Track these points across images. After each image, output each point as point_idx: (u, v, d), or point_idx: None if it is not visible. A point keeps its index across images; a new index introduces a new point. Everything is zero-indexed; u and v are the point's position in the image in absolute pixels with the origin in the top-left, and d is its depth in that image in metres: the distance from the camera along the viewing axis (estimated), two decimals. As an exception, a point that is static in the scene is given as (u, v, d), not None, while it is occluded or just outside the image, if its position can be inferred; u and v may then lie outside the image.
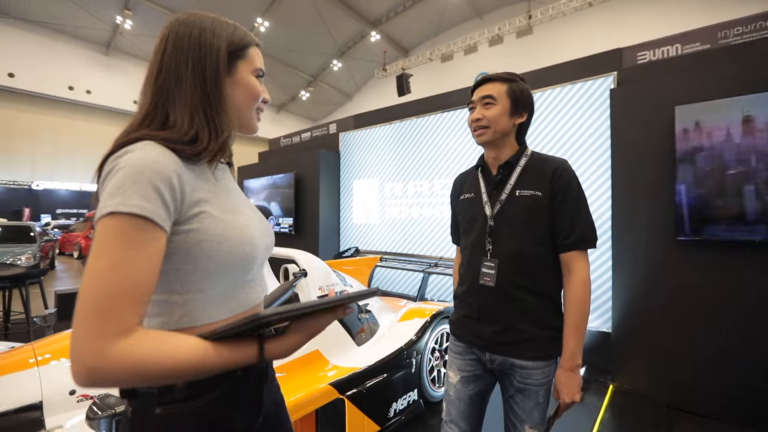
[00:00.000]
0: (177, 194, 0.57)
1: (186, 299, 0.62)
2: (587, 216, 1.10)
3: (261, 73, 0.76)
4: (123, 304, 0.51)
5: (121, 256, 0.51)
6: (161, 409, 0.60)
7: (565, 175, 1.10)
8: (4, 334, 3.49)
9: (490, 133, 1.13)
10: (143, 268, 0.53)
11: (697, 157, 2.47)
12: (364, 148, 5.45)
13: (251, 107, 0.74)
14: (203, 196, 0.63)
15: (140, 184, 0.53)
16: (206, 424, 0.63)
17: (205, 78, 0.66)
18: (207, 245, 0.60)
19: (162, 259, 0.56)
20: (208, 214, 0.62)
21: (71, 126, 17.13)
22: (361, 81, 20.27)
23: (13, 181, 15.87)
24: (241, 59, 0.72)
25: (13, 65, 14.70)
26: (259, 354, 0.59)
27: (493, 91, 1.13)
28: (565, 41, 12.58)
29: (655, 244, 2.67)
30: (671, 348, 2.58)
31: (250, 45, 0.74)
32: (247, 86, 0.72)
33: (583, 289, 1.06)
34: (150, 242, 0.54)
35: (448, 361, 1.24)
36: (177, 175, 0.57)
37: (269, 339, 0.61)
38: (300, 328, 0.62)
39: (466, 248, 1.21)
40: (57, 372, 1.39)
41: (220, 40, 0.69)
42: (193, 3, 14.06)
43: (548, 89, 3.61)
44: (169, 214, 0.56)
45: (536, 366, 1.08)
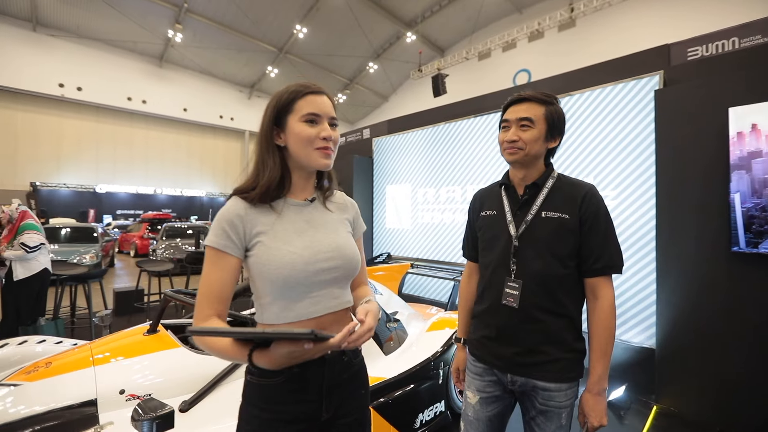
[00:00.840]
0: (239, 229, 0.84)
1: (260, 303, 0.89)
2: (615, 241, 1.09)
3: (312, 117, 0.87)
4: (203, 301, 0.82)
5: (205, 271, 0.83)
6: (249, 377, 0.87)
7: (594, 200, 1.09)
8: (71, 329, 3.87)
9: (522, 154, 1.12)
10: (215, 279, 0.82)
11: (754, 163, 2.27)
12: (398, 153, 5.48)
13: (307, 148, 0.88)
14: (262, 229, 0.86)
15: (215, 226, 0.84)
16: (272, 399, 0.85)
17: (261, 140, 0.90)
18: (259, 266, 0.84)
19: (233, 274, 0.85)
20: (262, 243, 0.85)
21: (129, 133, 18.60)
22: (397, 82, 20.33)
23: (80, 184, 17.45)
24: (289, 113, 0.88)
25: (81, 80, 16.21)
26: (248, 359, 0.77)
27: (531, 113, 1.10)
28: (612, 34, 11.86)
29: (705, 256, 2.48)
30: (724, 369, 2.38)
31: (297, 98, 0.88)
32: (297, 133, 0.87)
33: (610, 313, 1.06)
34: (220, 263, 0.83)
35: (467, 381, 1.24)
36: (238, 216, 0.85)
37: (259, 350, 0.77)
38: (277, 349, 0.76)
39: (487, 266, 1.19)
40: (110, 372, 1.54)
41: (270, 106, 0.89)
42: (236, 15, 14.77)
43: (588, 90, 3.45)
44: (236, 243, 0.84)
45: (559, 388, 1.07)
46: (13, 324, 3.34)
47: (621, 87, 3.22)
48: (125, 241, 12.76)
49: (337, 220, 0.98)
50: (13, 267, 3.38)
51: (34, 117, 15.92)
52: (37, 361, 1.64)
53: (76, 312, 4.18)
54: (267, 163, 0.88)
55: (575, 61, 5.87)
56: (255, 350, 0.76)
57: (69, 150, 17.05)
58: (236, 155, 22.23)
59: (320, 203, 0.98)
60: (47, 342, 2.05)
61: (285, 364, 0.80)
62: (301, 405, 0.86)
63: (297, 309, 0.86)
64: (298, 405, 0.86)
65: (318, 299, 0.88)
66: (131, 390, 1.47)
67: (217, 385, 1.57)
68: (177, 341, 1.75)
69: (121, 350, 1.68)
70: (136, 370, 1.57)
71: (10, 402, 1.39)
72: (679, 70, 3.02)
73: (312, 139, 0.86)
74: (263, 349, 0.76)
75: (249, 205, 0.86)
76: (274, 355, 0.76)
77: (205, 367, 1.62)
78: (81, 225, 8.93)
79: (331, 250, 0.90)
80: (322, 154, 0.89)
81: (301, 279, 0.84)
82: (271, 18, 15.36)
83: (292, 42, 16.64)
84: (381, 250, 5.57)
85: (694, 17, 9.99)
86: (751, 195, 2.29)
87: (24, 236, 3.43)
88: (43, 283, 3.58)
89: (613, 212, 3.18)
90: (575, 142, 3.51)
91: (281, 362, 0.78)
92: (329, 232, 0.93)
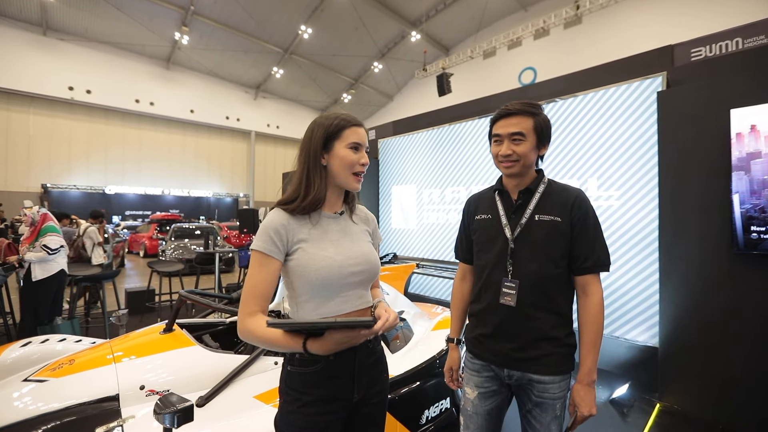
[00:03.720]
0: (283, 236, 0.98)
1: (296, 302, 1.03)
2: (603, 242, 1.17)
3: (355, 145, 1.04)
4: (250, 299, 0.95)
5: (252, 272, 0.97)
6: (290, 367, 1.01)
7: (583, 204, 1.16)
8: (86, 328, 3.99)
9: (519, 166, 1.18)
10: (261, 279, 0.96)
11: (753, 163, 2.29)
12: (403, 154, 5.53)
13: (347, 171, 1.03)
14: (302, 236, 1.00)
15: (262, 233, 0.98)
16: (312, 384, 0.98)
17: (308, 158, 1.03)
18: (300, 269, 0.98)
19: (276, 275, 0.98)
20: (303, 249, 0.99)
21: (137, 135, 18.83)
22: (402, 82, 20.34)
23: (90, 186, 17.72)
24: (336, 139, 1.03)
25: (90, 83, 16.44)
26: (303, 347, 0.90)
27: (522, 126, 1.16)
28: (619, 32, 11.77)
29: (707, 256, 2.51)
30: (727, 367, 2.41)
31: (345, 128, 1.03)
32: (342, 157, 1.03)
33: (598, 309, 1.14)
34: (266, 265, 0.97)
35: (465, 378, 1.30)
36: (282, 226, 0.99)
37: (312, 338, 0.91)
38: (331, 337, 0.91)
39: (483, 267, 1.25)
40: (130, 368, 1.61)
41: (318, 131, 1.03)
42: (241, 17, 14.89)
43: (591, 92, 3.48)
44: (279, 249, 0.98)
45: (553, 380, 1.14)
46: (31, 323, 3.45)
47: (624, 88, 3.25)
48: (135, 241, 12.95)
49: (361, 231, 1.13)
50: (31, 268, 3.49)
51: (45, 120, 16.18)
52: (61, 359, 1.73)
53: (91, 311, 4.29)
54: (314, 181, 1.02)
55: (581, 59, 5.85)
56: (309, 339, 0.90)
57: (79, 152, 17.31)
58: (243, 156, 22.40)
59: (348, 216, 1.12)
60: (67, 340, 2.14)
61: (335, 350, 0.93)
62: (336, 387, 1.00)
63: (330, 306, 1.01)
64: (334, 387, 1.00)
65: (347, 298, 1.03)
66: (151, 386, 1.55)
67: (231, 382, 1.64)
68: (192, 340, 1.82)
69: (139, 348, 1.76)
70: (154, 368, 1.65)
71: (37, 397, 1.48)
72: (683, 71, 3.04)
73: (353, 164, 1.03)
74: (316, 338, 0.91)
75: (290, 216, 1.00)
76: (328, 342, 0.90)
77: (220, 364, 1.69)
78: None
79: (359, 256, 1.05)
80: (356, 180, 1.05)
81: (335, 280, 0.99)
82: (276, 19, 15.46)
83: (297, 42, 16.73)
84: (387, 251, 5.63)
85: (700, 13, 9.90)
86: (750, 196, 2.32)
87: (46, 238, 3.55)
88: (60, 283, 3.69)
89: (616, 212, 3.22)
90: (579, 143, 3.53)
91: (332, 348, 0.91)
92: (357, 241, 1.09)
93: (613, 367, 3.15)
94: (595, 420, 1.13)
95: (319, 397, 0.98)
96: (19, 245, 3.67)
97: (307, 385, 0.99)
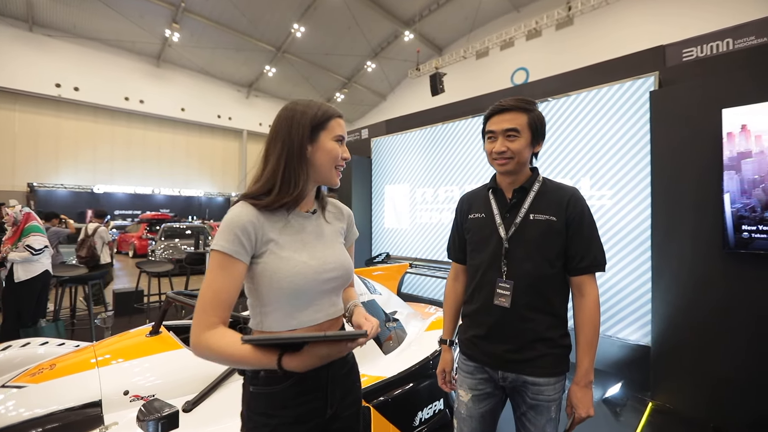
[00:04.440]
0: (251, 235, 0.84)
1: (260, 311, 0.89)
2: (598, 241, 1.15)
3: (340, 138, 0.95)
4: (208, 308, 0.80)
5: (211, 277, 0.82)
6: (253, 388, 0.89)
7: (578, 203, 1.14)
8: (71, 330, 3.89)
9: (513, 163, 1.15)
10: (223, 286, 0.81)
11: (744, 163, 2.30)
12: (396, 153, 5.50)
13: (331, 165, 0.94)
14: (273, 237, 0.87)
15: (226, 230, 0.82)
16: (280, 405, 0.87)
17: (290, 148, 0.89)
18: (268, 274, 0.85)
19: (241, 280, 0.84)
20: (273, 252, 0.86)
21: (127, 134, 18.53)
22: (395, 81, 20.32)
23: (78, 185, 17.40)
24: (323, 130, 0.92)
25: (78, 80, 16.13)
26: (278, 364, 0.76)
27: (516, 123, 1.13)
28: (610, 33, 11.86)
29: (699, 255, 2.52)
30: (719, 366, 2.42)
31: (332, 118, 0.93)
32: (328, 150, 0.92)
33: (595, 309, 1.12)
34: (229, 268, 0.81)
35: (459, 380, 1.27)
36: (251, 223, 0.84)
37: (289, 354, 0.77)
38: (314, 351, 0.78)
39: (477, 268, 1.22)
40: (114, 373, 1.56)
41: (305, 120, 0.91)
42: (233, 15, 14.74)
43: (583, 91, 3.48)
44: (246, 250, 0.83)
45: (548, 382, 1.12)
46: (13, 326, 3.36)
47: (617, 88, 3.26)
48: (124, 241, 12.75)
49: (334, 232, 1.02)
50: (14, 269, 3.39)
51: (31, 117, 15.84)
52: (41, 363, 1.67)
53: (76, 313, 4.19)
54: (298, 175, 0.89)
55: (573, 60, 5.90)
56: (284, 354, 0.77)
57: (67, 150, 16.97)
58: (234, 155, 22.19)
59: (321, 215, 1.02)
60: (50, 344, 2.07)
61: (316, 365, 0.80)
62: (307, 405, 0.90)
63: (301, 316, 0.90)
64: (305, 405, 0.89)
65: (320, 307, 0.93)
66: (135, 391, 1.50)
67: (219, 386, 1.59)
68: (180, 342, 1.77)
69: (124, 352, 1.71)
70: (139, 372, 1.59)
71: (14, 404, 1.42)
72: (675, 71, 3.06)
73: (337, 157, 0.94)
74: (293, 353, 0.77)
75: (259, 212, 0.86)
76: (310, 357, 0.77)
77: (207, 368, 1.64)
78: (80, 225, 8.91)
79: (333, 260, 0.95)
80: (337, 174, 0.97)
81: (309, 288, 0.88)
82: (269, 17, 15.33)
83: (289, 41, 16.60)
84: (380, 250, 5.60)
85: (693, 15, 10.02)
86: (740, 195, 2.33)
87: (30, 238, 3.45)
88: (44, 284, 3.59)
89: (609, 211, 3.22)
90: (572, 143, 3.54)
91: (314, 363, 0.79)
92: (331, 244, 0.99)
93: (606, 366, 3.15)
94: (588, 420, 1.12)
95: (289, 419, 0.87)
96: (1, 245, 3.57)
97: (274, 406, 0.87)
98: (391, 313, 2.60)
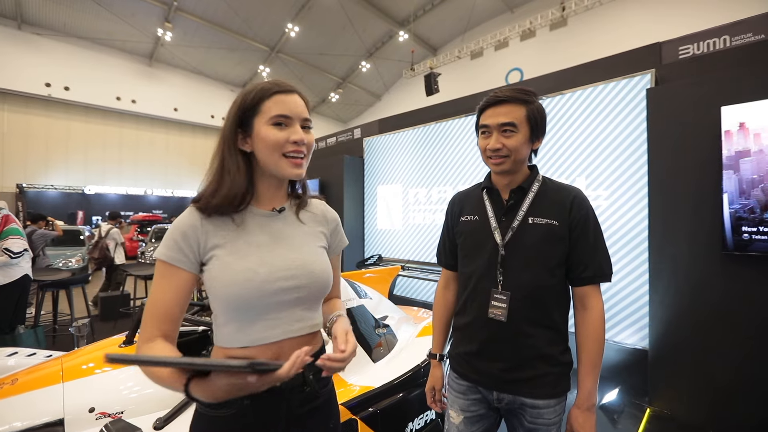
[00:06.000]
0: (191, 241, 0.76)
1: (215, 324, 0.81)
2: (604, 249, 1.03)
3: (280, 120, 0.78)
4: (148, 320, 0.74)
5: (153, 288, 0.76)
6: (198, 407, 0.80)
7: (583, 206, 1.03)
8: (52, 336, 3.76)
9: (509, 162, 1.03)
10: (164, 297, 0.74)
11: (742, 162, 2.24)
12: (389, 153, 5.41)
13: (274, 155, 0.78)
14: (218, 242, 0.78)
15: (167, 237, 0.76)
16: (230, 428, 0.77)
17: (222, 144, 0.80)
18: (213, 283, 0.76)
19: (184, 290, 0.76)
20: (217, 257, 0.77)
21: (119, 134, 18.29)
22: (389, 81, 20.24)
23: (69, 186, 17.14)
24: (256, 115, 0.79)
25: (68, 80, 15.89)
26: (184, 389, 0.65)
27: (513, 116, 1.01)
28: (603, 33, 11.87)
29: (697, 257, 2.45)
30: (718, 371, 2.36)
31: (264, 98, 0.79)
32: (263, 137, 0.78)
33: (600, 324, 1.01)
34: (170, 277, 0.75)
35: (450, 400, 1.17)
36: (192, 227, 0.77)
37: (197, 379, 0.65)
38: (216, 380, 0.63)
39: (469, 276, 1.11)
40: (80, 388, 1.45)
41: (234, 106, 0.80)
42: (227, 14, 14.59)
43: (579, 89, 3.41)
44: (187, 257, 0.76)
45: (548, 404, 1.02)
46: (-10, 332, 3.22)
47: (612, 86, 3.19)
48: (115, 243, 12.53)
49: (308, 233, 0.88)
50: (-10, 273, 3.26)
51: (20, 117, 15.58)
52: (2, 378, 1.56)
53: (58, 319, 4.06)
54: (230, 170, 0.78)
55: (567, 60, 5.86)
56: (193, 379, 0.64)
57: (57, 151, 16.72)
58: (228, 155, 22.00)
59: (292, 213, 0.88)
60: (19, 354, 1.96)
61: (225, 397, 0.66)
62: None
63: (251, 332, 0.78)
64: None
65: (276, 322, 0.79)
66: (102, 407, 1.39)
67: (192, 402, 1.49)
68: (153, 353, 1.67)
69: (93, 364, 1.60)
70: (108, 386, 1.49)
71: (-30, 423, 1.31)
72: (671, 69, 3.00)
73: (281, 144, 0.77)
74: (201, 379, 0.64)
75: (204, 216, 0.78)
76: (212, 387, 0.63)
77: (183, 380, 1.54)
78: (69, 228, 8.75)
79: (294, 267, 0.81)
80: (291, 164, 0.79)
81: (254, 299, 0.76)
82: (263, 17, 15.19)
83: (284, 41, 16.46)
84: (372, 252, 5.51)
85: (687, 15, 10.04)
86: (738, 196, 2.26)
87: (8, 241, 3.31)
88: (23, 289, 3.46)
89: (605, 212, 3.15)
90: (566, 142, 3.47)
91: (220, 395, 0.65)
92: (296, 246, 0.84)
93: (602, 371, 3.07)
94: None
95: None
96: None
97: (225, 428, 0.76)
98: (381, 318, 2.51)
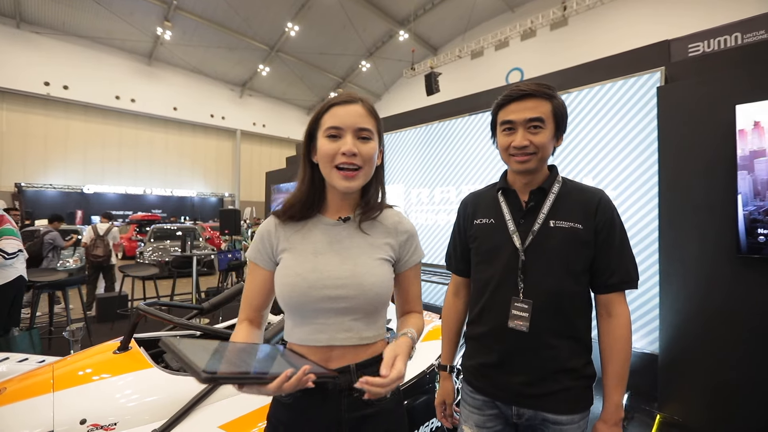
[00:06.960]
0: (266, 244, 0.88)
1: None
2: (630, 254, 0.98)
3: (334, 132, 0.81)
4: (241, 306, 0.91)
5: (246, 280, 0.93)
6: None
7: (608, 208, 0.97)
8: (48, 339, 3.69)
9: (536, 160, 0.97)
10: (249, 288, 0.90)
11: (757, 162, 2.17)
12: (390, 152, 5.34)
13: (327, 166, 0.82)
14: (287, 246, 0.87)
15: (254, 241, 0.91)
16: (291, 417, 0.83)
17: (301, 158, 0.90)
18: (276, 281, 0.86)
19: (264, 284, 0.89)
20: (283, 259, 0.86)
21: (118, 133, 18.21)
22: (389, 81, 20.18)
23: (67, 185, 17.06)
24: (318, 129, 0.84)
25: (68, 79, 15.81)
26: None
27: (540, 111, 0.95)
28: (604, 33, 11.81)
29: (709, 260, 2.39)
30: (730, 377, 2.29)
31: (324, 113, 0.83)
32: (319, 150, 0.83)
33: (626, 333, 0.95)
34: (253, 273, 0.90)
35: (463, 415, 1.10)
36: (268, 232, 0.89)
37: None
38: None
39: (486, 283, 1.04)
40: (71, 398, 1.38)
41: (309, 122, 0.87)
42: (226, 13, 14.51)
43: (586, 88, 3.34)
44: (264, 257, 0.89)
45: (572, 420, 0.95)
46: (-16, 335, 3.15)
47: (621, 84, 3.12)
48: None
49: (370, 244, 0.87)
50: (-16, 275, 3.18)
51: (19, 116, 15.49)
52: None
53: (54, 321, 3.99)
54: (302, 180, 0.89)
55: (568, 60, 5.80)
56: None
57: (55, 150, 16.63)
58: (227, 155, 21.90)
59: (356, 223, 0.89)
60: (10, 360, 1.89)
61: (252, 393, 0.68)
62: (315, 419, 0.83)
63: (301, 332, 0.85)
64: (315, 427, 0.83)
65: (323, 328, 0.83)
66: (94, 419, 1.32)
67: (192, 410, 1.42)
68: (149, 360, 1.60)
69: (85, 371, 1.53)
70: (101, 395, 1.42)
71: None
72: (680, 67, 2.93)
73: (332, 156, 0.80)
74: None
75: (279, 222, 0.89)
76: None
77: (180, 389, 1.47)
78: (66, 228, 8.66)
79: (344, 277, 0.82)
80: (342, 176, 0.80)
81: (300, 303, 0.82)
82: (263, 16, 15.12)
83: (283, 40, 16.39)
84: (374, 252, 5.43)
85: (687, 15, 9.97)
86: (753, 197, 2.20)
87: (2, 242, 3.24)
88: (18, 291, 3.38)
89: (613, 214, 3.08)
90: (573, 141, 3.40)
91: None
92: (351, 256, 0.84)
93: (610, 375, 3.01)
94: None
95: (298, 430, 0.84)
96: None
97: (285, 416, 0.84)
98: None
